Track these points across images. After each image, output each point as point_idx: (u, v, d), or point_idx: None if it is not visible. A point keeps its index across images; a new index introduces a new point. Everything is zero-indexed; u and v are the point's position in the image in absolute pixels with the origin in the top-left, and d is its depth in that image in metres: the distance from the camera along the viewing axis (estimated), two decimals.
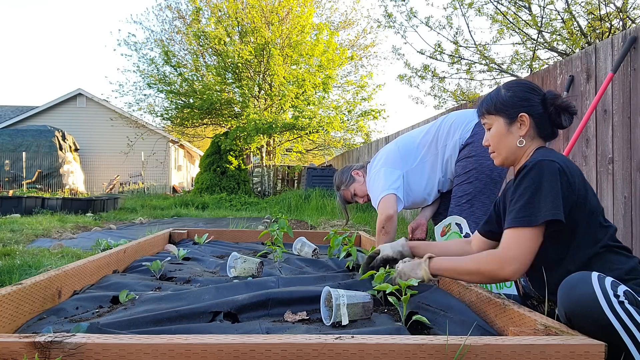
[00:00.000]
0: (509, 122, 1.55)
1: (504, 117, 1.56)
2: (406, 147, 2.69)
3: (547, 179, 1.36)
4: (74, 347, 1.03)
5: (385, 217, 2.46)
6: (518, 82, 1.60)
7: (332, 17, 17.97)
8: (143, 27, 29.17)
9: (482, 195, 2.43)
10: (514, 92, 1.55)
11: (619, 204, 2.82)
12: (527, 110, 1.52)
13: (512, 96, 1.55)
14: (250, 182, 14.36)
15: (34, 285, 1.57)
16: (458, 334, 1.30)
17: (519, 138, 1.54)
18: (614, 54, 2.88)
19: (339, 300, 1.46)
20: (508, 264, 1.38)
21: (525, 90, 1.55)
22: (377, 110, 14.07)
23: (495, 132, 1.58)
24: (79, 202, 9.07)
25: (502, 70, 6.52)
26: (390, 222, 2.46)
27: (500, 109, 1.56)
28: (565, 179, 1.37)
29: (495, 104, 1.57)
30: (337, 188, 2.94)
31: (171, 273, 2.31)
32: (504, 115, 1.55)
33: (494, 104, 1.58)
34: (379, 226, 2.48)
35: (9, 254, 3.75)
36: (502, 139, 1.56)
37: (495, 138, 1.58)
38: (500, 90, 1.59)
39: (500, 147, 1.58)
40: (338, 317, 1.46)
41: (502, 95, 1.57)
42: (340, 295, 1.48)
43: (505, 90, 1.58)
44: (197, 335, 1.10)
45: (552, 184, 1.36)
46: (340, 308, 1.46)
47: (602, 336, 1.10)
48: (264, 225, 6.73)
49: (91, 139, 19.01)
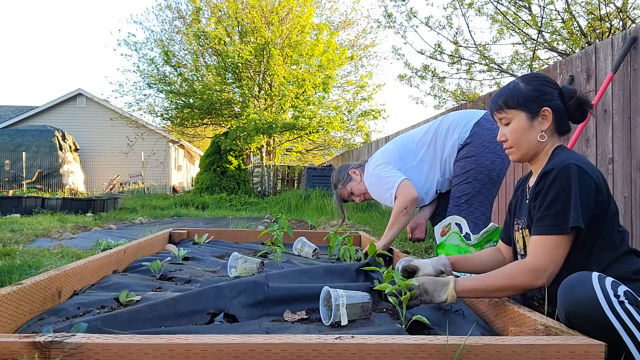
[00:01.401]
0: (532, 117, 1.51)
1: (526, 112, 1.50)
2: (405, 146, 2.69)
3: (576, 185, 1.34)
4: (74, 347, 1.03)
5: (411, 199, 2.49)
6: (536, 76, 1.55)
7: (332, 17, 17.99)
8: (143, 27, 29.21)
9: (481, 195, 2.44)
10: (534, 85, 1.51)
11: (619, 204, 2.82)
12: (550, 104, 1.49)
13: (534, 89, 1.50)
14: (250, 182, 14.36)
15: (34, 285, 1.57)
16: (458, 334, 1.30)
17: (540, 133, 1.50)
18: (614, 54, 2.88)
19: (338, 301, 1.46)
20: (541, 273, 1.35)
21: (545, 84, 1.52)
22: (377, 110, 14.08)
23: (517, 127, 1.52)
24: (79, 202, 9.07)
25: (502, 70, 6.52)
26: (413, 204, 2.51)
27: (522, 102, 1.51)
28: (592, 183, 1.36)
29: (517, 98, 1.51)
30: (334, 186, 2.94)
31: (171, 273, 2.31)
32: (526, 110, 1.50)
33: (515, 97, 1.52)
34: (400, 207, 2.48)
35: (9, 254, 3.75)
36: (523, 134, 1.51)
37: (516, 133, 1.52)
38: (519, 84, 1.54)
39: (521, 143, 1.53)
40: (337, 317, 1.46)
41: (523, 88, 1.52)
42: (339, 296, 1.48)
43: (525, 83, 1.53)
44: (197, 335, 1.10)
45: (582, 189, 1.34)
46: (339, 308, 1.46)
47: (602, 336, 1.10)
48: (264, 225, 6.73)
49: (91, 139, 19.01)
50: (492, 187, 2.46)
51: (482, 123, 2.49)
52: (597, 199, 1.37)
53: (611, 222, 1.39)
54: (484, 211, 2.45)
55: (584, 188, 1.34)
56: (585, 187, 1.35)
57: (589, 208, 1.34)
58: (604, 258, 1.37)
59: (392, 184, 2.55)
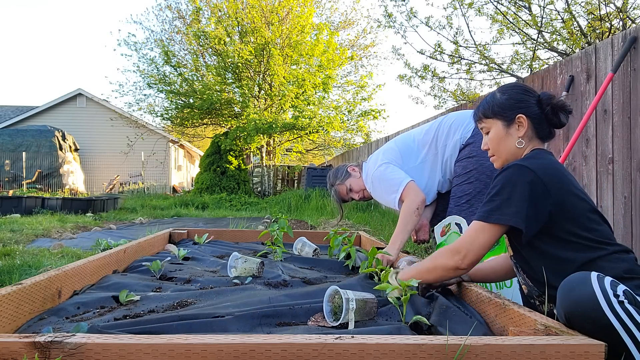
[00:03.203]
0: (507, 124, 1.58)
1: (502, 120, 1.59)
2: (406, 145, 2.68)
3: (514, 184, 1.41)
4: (74, 347, 1.03)
5: (421, 200, 2.49)
6: (512, 85, 1.64)
7: (332, 17, 17.99)
8: (143, 27, 29.27)
9: (482, 195, 2.43)
10: (509, 94, 1.59)
11: (619, 204, 2.82)
12: (524, 111, 1.56)
13: (508, 99, 1.59)
14: (250, 182, 14.36)
15: (34, 285, 1.57)
16: (458, 334, 1.30)
17: (517, 139, 1.57)
18: (614, 54, 2.88)
19: (348, 305, 1.46)
20: (457, 252, 1.49)
21: (521, 92, 1.59)
22: (377, 110, 14.08)
23: (494, 135, 1.61)
24: (79, 202, 9.07)
25: (502, 70, 6.52)
26: (423, 205, 2.50)
27: (498, 112, 1.60)
28: (538, 187, 1.39)
29: (492, 108, 1.61)
30: (332, 185, 2.92)
31: (171, 273, 2.31)
32: (502, 118, 1.59)
33: (491, 107, 1.61)
34: (411, 208, 2.46)
35: (9, 254, 3.75)
36: (501, 141, 1.59)
37: (494, 141, 1.61)
38: (496, 94, 1.63)
39: (500, 150, 1.60)
40: (345, 319, 1.47)
41: (498, 98, 1.61)
42: (350, 299, 1.47)
43: (500, 93, 1.62)
44: (197, 335, 1.10)
45: (520, 189, 1.40)
46: (349, 313, 1.46)
47: (602, 336, 1.10)
48: (264, 225, 6.73)
49: (91, 139, 19.01)
50: None
51: None
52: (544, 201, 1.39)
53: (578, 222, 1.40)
54: None
55: (523, 189, 1.39)
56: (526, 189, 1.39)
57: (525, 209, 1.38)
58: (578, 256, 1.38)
59: (398, 186, 2.52)
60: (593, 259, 1.37)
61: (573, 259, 1.38)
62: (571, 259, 1.38)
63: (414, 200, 2.47)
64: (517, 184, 1.41)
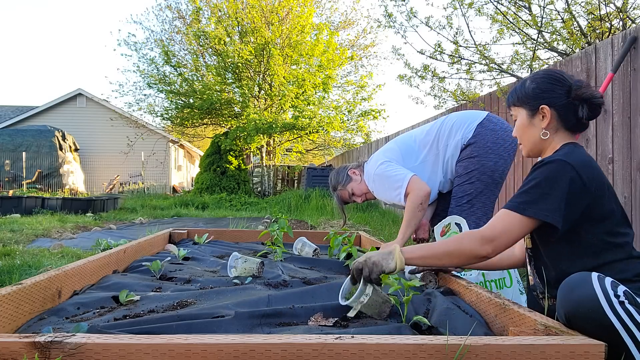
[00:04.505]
0: (531, 114, 1.54)
1: (526, 109, 1.56)
2: (406, 145, 2.68)
3: (554, 180, 1.36)
4: (74, 347, 1.03)
5: (425, 193, 2.46)
6: (544, 74, 1.57)
7: (332, 17, 17.96)
8: (143, 27, 29.23)
9: (483, 195, 2.43)
10: (537, 83, 1.54)
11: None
12: (548, 102, 1.50)
13: (535, 88, 1.53)
14: (250, 182, 14.36)
15: (34, 285, 1.57)
16: (458, 334, 1.30)
17: (541, 130, 1.52)
18: (614, 54, 2.88)
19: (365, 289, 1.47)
20: (489, 242, 1.40)
21: (550, 81, 1.52)
22: (377, 110, 14.08)
23: (520, 124, 1.58)
24: (79, 202, 9.07)
25: (502, 70, 6.51)
26: (427, 199, 2.48)
27: (523, 100, 1.56)
28: (577, 186, 1.36)
29: (519, 96, 1.58)
30: (334, 189, 2.91)
31: (171, 273, 2.30)
32: (526, 107, 1.55)
33: (517, 95, 1.58)
34: (415, 202, 2.45)
35: (9, 254, 3.76)
36: (525, 130, 1.57)
37: (519, 130, 1.59)
38: (526, 82, 1.58)
39: (525, 139, 1.58)
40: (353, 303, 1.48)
41: (527, 86, 1.56)
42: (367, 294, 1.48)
43: (530, 81, 1.57)
44: (197, 335, 1.10)
45: (560, 186, 1.35)
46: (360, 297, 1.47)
47: (602, 337, 1.10)
48: (264, 225, 6.73)
49: (91, 139, 19.01)
50: (494, 188, 2.46)
51: (485, 124, 2.49)
52: (582, 199, 1.36)
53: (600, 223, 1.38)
54: (486, 212, 2.44)
55: (563, 186, 1.35)
56: (565, 185, 1.35)
57: (562, 206, 1.35)
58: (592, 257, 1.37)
59: (402, 181, 2.50)
60: (609, 262, 1.35)
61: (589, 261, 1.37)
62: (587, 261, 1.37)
63: (418, 195, 2.46)
64: (557, 180, 1.36)
